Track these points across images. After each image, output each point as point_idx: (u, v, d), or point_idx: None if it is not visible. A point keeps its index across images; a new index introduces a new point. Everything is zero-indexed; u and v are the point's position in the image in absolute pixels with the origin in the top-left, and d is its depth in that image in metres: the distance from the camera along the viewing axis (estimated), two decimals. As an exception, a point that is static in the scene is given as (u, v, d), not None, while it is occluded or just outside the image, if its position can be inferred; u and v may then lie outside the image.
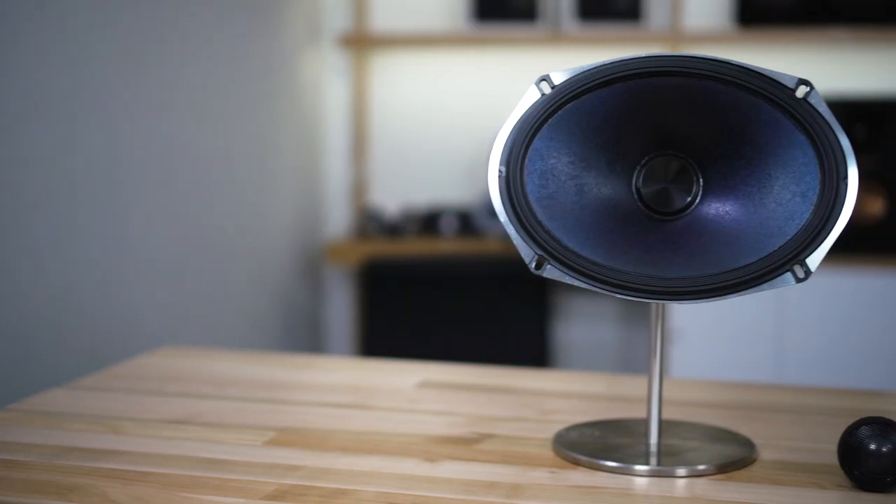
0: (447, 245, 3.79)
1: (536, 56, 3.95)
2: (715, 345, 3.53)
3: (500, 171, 1.09)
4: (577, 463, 1.14)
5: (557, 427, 1.25)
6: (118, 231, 2.63)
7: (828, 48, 3.75)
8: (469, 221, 3.87)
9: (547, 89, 1.10)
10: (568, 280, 1.07)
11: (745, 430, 1.26)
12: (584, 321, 4.06)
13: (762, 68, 1.08)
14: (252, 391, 1.43)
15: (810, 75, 3.92)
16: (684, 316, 3.53)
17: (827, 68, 3.77)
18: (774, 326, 3.46)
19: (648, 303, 1.09)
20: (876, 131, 3.49)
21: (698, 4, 3.87)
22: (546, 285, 3.73)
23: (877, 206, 3.47)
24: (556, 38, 3.81)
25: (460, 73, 4.07)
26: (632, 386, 1.48)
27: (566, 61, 3.79)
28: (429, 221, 3.90)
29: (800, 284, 3.58)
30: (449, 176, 4.08)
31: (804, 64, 3.78)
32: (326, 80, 4.16)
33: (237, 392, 1.42)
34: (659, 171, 1.12)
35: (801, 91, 1.08)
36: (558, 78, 1.11)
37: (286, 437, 1.22)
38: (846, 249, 3.42)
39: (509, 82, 3.97)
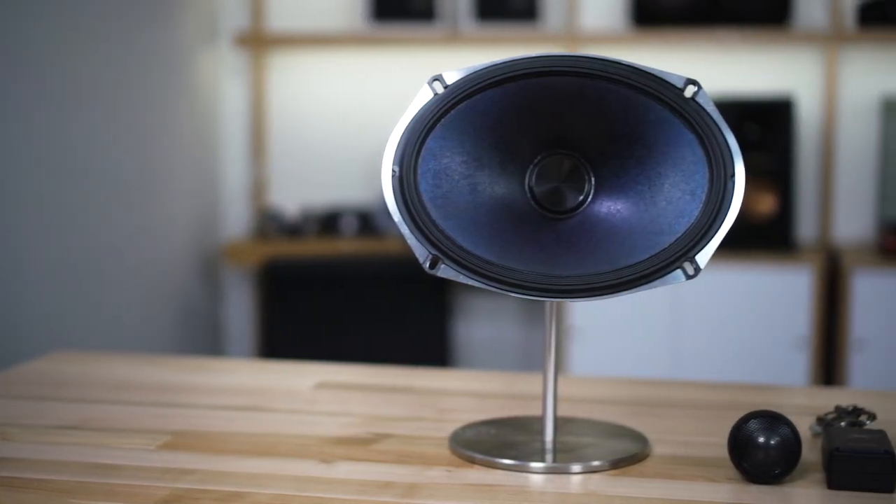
0: (347, 245, 3.78)
1: (435, 56, 3.96)
2: (613, 342, 3.57)
3: (393, 170, 1.09)
4: (473, 461, 1.14)
5: (454, 426, 1.25)
6: (6, 233, 2.58)
7: (720, 48, 3.82)
8: (369, 221, 3.87)
9: (440, 89, 1.10)
10: (462, 279, 1.07)
11: (639, 425, 1.27)
12: (485, 320, 4.08)
13: (651, 68, 1.09)
14: (146, 395, 1.41)
15: (704, 75, 4.00)
16: (583, 314, 3.57)
17: (719, 68, 3.84)
18: (670, 323, 3.51)
19: (542, 301, 1.10)
20: (767, 130, 3.55)
21: (594, 5, 3.91)
22: (446, 285, 3.74)
23: (768, 204, 3.53)
24: (454, 38, 3.82)
25: (359, 72, 4.07)
26: (528, 384, 1.48)
27: (464, 61, 3.80)
28: (329, 222, 3.89)
29: (696, 281, 3.65)
30: (349, 176, 4.07)
31: (698, 64, 3.84)
32: (224, 79, 4.12)
33: (131, 396, 1.40)
34: (551, 171, 1.13)
35: (689, 91, 1.09)
36: (451, 78, 1.11)
37: (180, 441, 1.21)
38: (739, 246, 3.48)
39: (408, 82, 3.98)
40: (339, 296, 3.77)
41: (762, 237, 3.52)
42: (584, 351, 3.59)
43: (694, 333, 3.51)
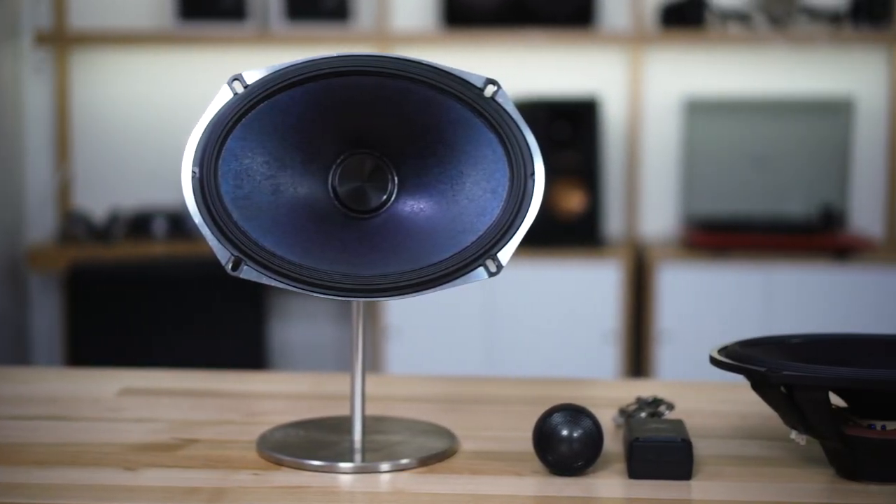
0: (159, 248, 3.71)
1: (245, 55, 3.92)
2: (429, 340, 3.60)
3: (193, 172, 1.08)
4: (281, 464, 1.13)
5: (262, 429, 1.24)
6: None
7: (528, 49, 3.88)
8: (180, 223, 3.80)
9: (239, 88, 1.09)
10: (265, 280, 1.06)
11: (448, 422, 1.28)
12: (301, 321, 4.06)
13: (452, 68, 1.10)
14: (-60, 407, 1.36)
15: (513, 75, 4.06)
16: (399, 312, 3.58)
17: (528, 69, 3.90)
18: (485, 320, 3.56)
19: (347, 301, 1.10)
20: (575, 130, 3.63)
21: (405, 5, 3.93)
22: (261, 286, 3.71)
23: (576, 202, 3.61)
24: (265, 37, 3.79)
25: (168, 72, 3.99)
26: (338, 384, 1.48)
27: (275, 61, 3.77)
28: (139, 224, 3.81)
29: (508, 278, 3.69)
30: (159, 177, 3.99)
31: (507, 64, 3.90)
32: (25, 78, 3.99)
33: (-77, 408, 1.35)
34: (354, 170, 1.13)
35: (489, 90, 1.11)
36: (251, 77, 1.10)
37: (-24, 454, 1.16)
38: (549, 243, 3.55)
39: (218, 82, 3.91)
40: (150, 300, 3.70)
41: (571, 234, 3.60)
42: (400, 350, 3.61)
43: (508, 330, 3.56)
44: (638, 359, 3.64)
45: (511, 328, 3.56)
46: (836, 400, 1.13)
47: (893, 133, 3.80)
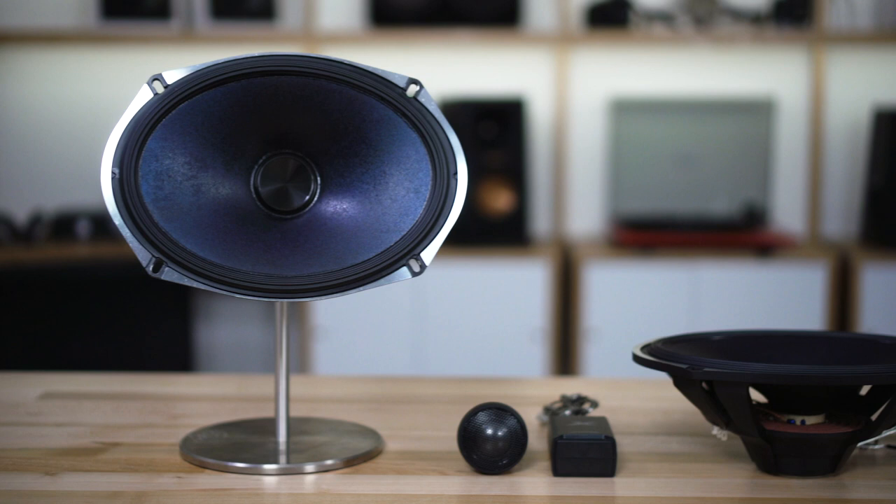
0: (82, 249, 3.66)
1: (170, 55, 3.88)
2: (358, 340, 3.59)
3: (113, 172, 1.06)
4: (204, 466, 1.12)
5: (186, 431, 1.23)
6: None
7: (455, 49, 3.89)
8: (104, 225, 3.76)
9: (160, 88, 1.08)
10: (187, 282, 1.06)
11: (374, 422, 1.28)
12: (227, 322, 4.03)
13: (374, 68, 1.10)
14: None
15: (440, 75, 4.05)
16: (327, 313, 3.57)
17: (455, 69, 3.91)
18: (414, 320, 3.56)
19: (270, 302, 1.09)
20: (502, 129, 3.64)
21: (331, 5, 3.92)
22: (187, 287, 3.68)
23: (504, 201, 3.62)
24: (189, 36, 3.75)
25: (91, 72, 3.95)
26: (263, 385, 1.47)
27: (200, 60, 3.74)
28: (62, 226, 3.75)
29: (437, 277, 3.67)
30: (83, 179, 3.94)
31: (435, 64, 3.90)
32: (-55, 78, 3.92)
33: None
34: (277, 170, 1.12)
35: (411, 90, 1.11)
36: (171, 77, 1.09)
37: None
38: (477, 242, 3.56)
39: (142, 82, 3.88)
40: (73, 302, 3.65)
41: (499, 233, 3.61)
42: (328, 350, 3.59)
43: (436, 329, 3.56)
44: (565, 357, 3.66)
45: (439, 327, 3.56)
46: (757, 396, 1.15)
47: (814, 132, 3.85)
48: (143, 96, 1.09)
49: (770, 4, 3.75)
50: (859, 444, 1.13)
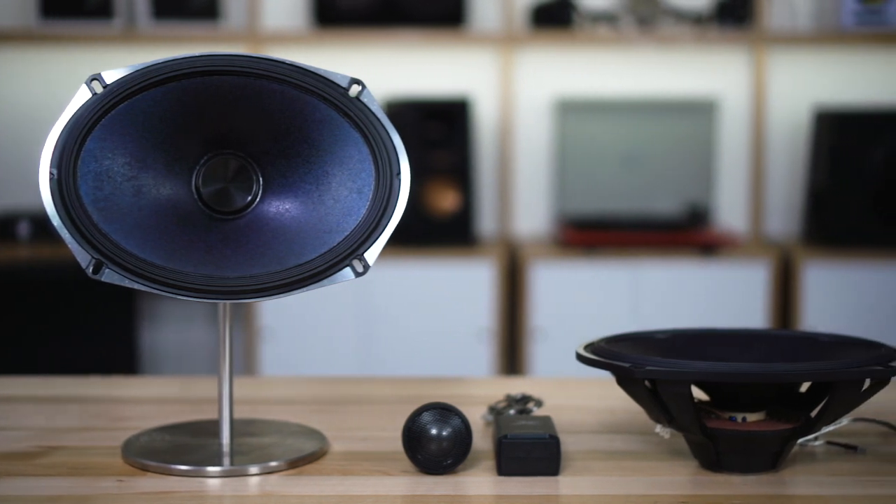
0: (23, 251, 3.62)
1: (112, 55, 3.85)
2: (305, 341, 3.58)
3: (51, 173, 1.05)
4: (146, 469, 1.11)
5: (128, 434, 1.22)
6: None
7: (401, 49, 3.89)
8: (46, 226, 3.71)
9: (99, 88, 1.07)
10: (127, 284, 1.05)
11: (319, 423, 1.28)
12: (173, 324, 4.00)
13: (316, 68, 1.10)
14: None
15: (386, 75, 4.04)
16: (274, 313, 3.56)
17: (401, 69, 3.90)
18: (361, 320, 3.55)
19: (213, 303, 1.08)
20: (448, 130, 3.64)
21: (275, 5, 3.90)
22: (130, 289, 3.64)
23: (450, 201, 3.62)
24: (131, 36, 3.72)
25: (31, 71, 3.90)
26: (207, 387, 1.46)
27: (142, 60, 3.71)
28: (2, 227, 3.71)
29: (384, 277, 3.66)
30: (23, 179, 3.89)
31: (380, 64, 3.89)
32: None
33: None
34: (218, 171, 1.12)
35: (353, 90, 1.10)
36: (110, 77, 1.08)
37: None
38: (423, 242, 3.56)
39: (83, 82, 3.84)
40: (14, 304, 3.61)
41: (445, 233, 3.61)
42: (274, 351, 3.58)
43: (383, 330, 3.55)
44: (512, 356, 3.66)
45: (386, 328, 3.56)
46: (699, 394, 1.16)
47: (756, 132, 3.89)
48: (82, 96, 1.08)
49: (712, 5, 3.78)
50: (799, 440, 1.15)
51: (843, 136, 3.58)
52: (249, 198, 1.12)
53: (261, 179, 1.13)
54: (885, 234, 3.55)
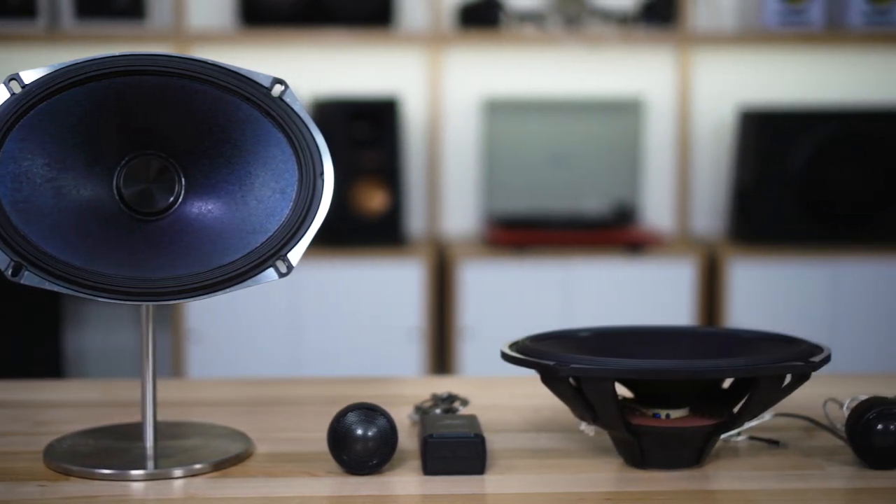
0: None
1: (35, 54, 3.79)
2: (234, 343, 3.56)
3: (-32, 175, 1.04)
4: (69, 474, 1.10)
5: (50, 439, 1.21)
6: None
7: (329, 49, 3.88)
8: (-32, 228, 3.66)
9: (17, 89, 1.06)
10: (48, 286, 1.03)
11: (244, 425, 1.27)
12: (98, 327, 3.95)
13: (238, 67, 1.09)
14: None
15: (314, 75, 4.02)
16: (201, 315, 3.53)
17: (329, 68, 3.89)
18: (290, 321, 3.54)
19: (135, 305, 1.07)
20: (376, 129, 3.64)
21: (201, 4, 3.87)
22: (54, 292, 3.60)
23: (379, 201, 3.62)
24: (55, 35, 3.68)
25: (-47, 71, 3.84)
26: (131, 390, 1.45)
27: (66, 59, 3.67)
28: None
29: (312, 278, 3.64)
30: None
31: (308, 64, 3.88)
32: None
33: None
34: (140, 171, 1.10)
35: (276, 90, 1.10)
36: (29, 77, 1.06)
37: None
38: (352, 242, 3.55)
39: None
40: (-63, 308, 3.55)
41: (374, 233, 3.60)
42: (203, 354, 3.55)
43: (313, 330, 3.54)
44: (442, 356, 3.67)
45: (316, 328, 3.55)
46: (624, 391, 1.17)
47: (682, 131, 3.93)
48: (0, 97, 1.06)
49: (638, 5, 3.82)
50: (723, 436, 1.16)
51: (767, 135, 3.63)
52: (172, 198, 1.11)
53: (183, 180, 1.12)
54: (808, 232, 3.60)
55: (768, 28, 3.73)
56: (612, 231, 3.69)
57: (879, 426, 1.12)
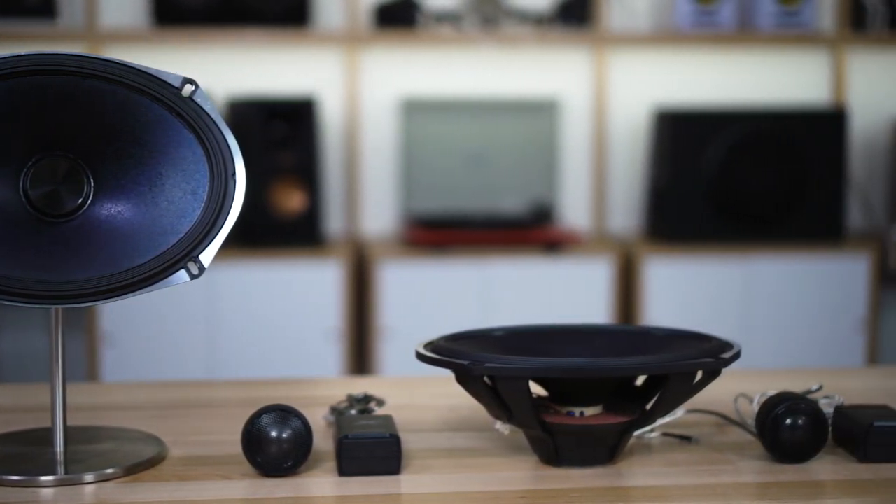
0: None
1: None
2: (149, 345, 3.52)
3: None
4: (-24, 481, 1.08)
5: (-43, 445, 1.19)
6: None
7: (245, 49, 3.85)
8: None
9: (-80, 88, 1.03)
10: (-48, 290, 1.01)
11: (157, 429, 1.25)
12: (10, 331, 3.89)
13: (148, 67, 1.08)
14: None
15: (230, 75, 3.99)
16: (115, 318, 3.49)
17: (245, 68, 3.87)
18: (207, 323, 3.51)
19: (43, 308, 1.06)
20: (293, 129, 3.62)
21: (114, 3, 3.82)
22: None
23: (297, 201, 3.60)
24: (-35, 34, 3.61)
25: None
26: (41, 394, 1.43)
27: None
28: None
29: (230, 279, 3.61)
30: None
31: (224, 64, 3.85)
32: None
33: None
34: (47, 173, 1.09)
35: (186, 90, 1.09)
36: (-68, 76, 1.04)
37: None
38: (270, 243, 3.53)
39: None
40: None
41: (291, 233, 3.59)
42: (117, 357, 3.51)
43: (230, 332, 3.52)
44: (361, 356, 3.66)
45: (233, 330, 3.52)
46: (538, 389, 1.17)
47: (598, 131, 3.96)
48: None
49: (554, 6, 3.84)
50: (636, 432, 1.17)
51: (681, 135, 3.68)
52: (80, 200, 1.10)
53: (92, 181, 1.10)
54: (721, 230, 3.65)
55: (681, 29, 3.78)
56: (530, 230, 3.71)
57: (788, 421, 1.14)
